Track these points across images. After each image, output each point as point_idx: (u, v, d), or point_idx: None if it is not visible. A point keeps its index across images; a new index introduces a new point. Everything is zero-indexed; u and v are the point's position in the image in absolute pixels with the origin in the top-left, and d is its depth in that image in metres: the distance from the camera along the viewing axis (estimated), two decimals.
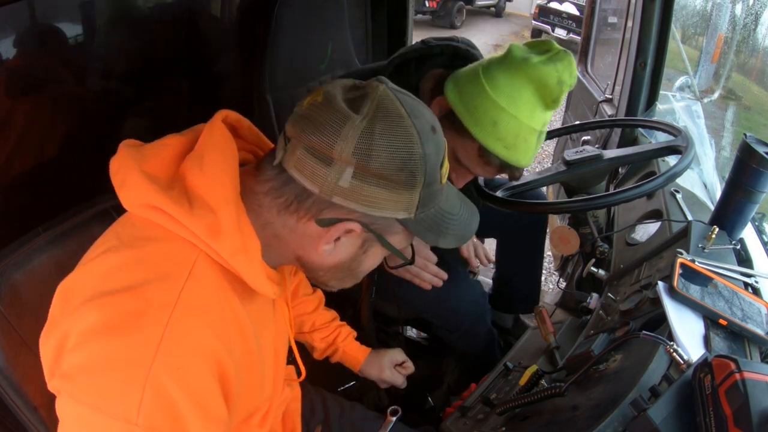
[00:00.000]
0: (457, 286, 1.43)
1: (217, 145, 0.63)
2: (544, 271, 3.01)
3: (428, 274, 1.38)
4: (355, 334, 1.20)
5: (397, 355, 1.22)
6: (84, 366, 0.54)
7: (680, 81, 2.04)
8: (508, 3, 11.76)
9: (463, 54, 1.13)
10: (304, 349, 1.19)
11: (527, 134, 0.97)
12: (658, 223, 1.21)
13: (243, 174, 0.64)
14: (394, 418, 0.98)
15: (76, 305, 0.56)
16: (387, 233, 0.66)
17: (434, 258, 1.38)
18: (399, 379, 1.20)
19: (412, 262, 0.73)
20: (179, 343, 0.54)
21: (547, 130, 1.32)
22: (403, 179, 0.60)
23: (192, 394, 0.55)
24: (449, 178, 1.08)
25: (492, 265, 1.81)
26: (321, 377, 1.22)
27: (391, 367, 1.20)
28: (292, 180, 0.61)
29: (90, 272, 0.59)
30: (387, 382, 1.20)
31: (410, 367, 1.24)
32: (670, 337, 0.78)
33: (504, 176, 1.11)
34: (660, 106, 1.73)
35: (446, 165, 0.67)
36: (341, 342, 1.16)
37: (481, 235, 1.77)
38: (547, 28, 9.13)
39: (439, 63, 1.12)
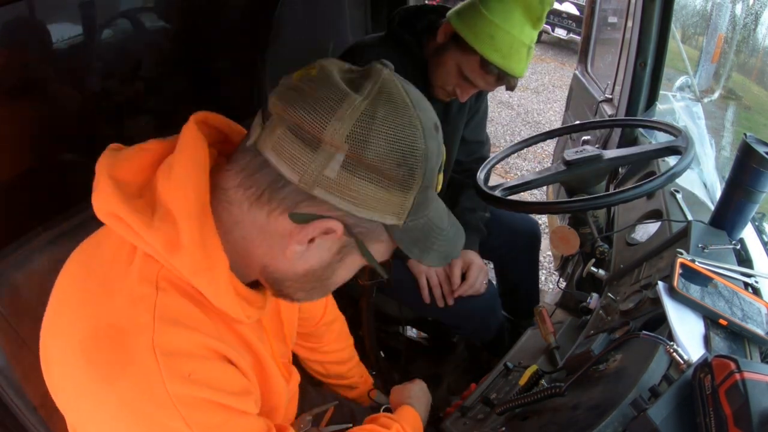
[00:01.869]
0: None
1: (187, 150, 0.56)
2: (544, 271, 3.02)
3: (440, 291, 1.40)
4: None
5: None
6: (119, 426, 0.53)
7: (680, 81, 2.04)
8: None
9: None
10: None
11: (519, 47, 1.18)
12: (658, 223, 1.21)
13: (214, 171, 0.58)
14: None
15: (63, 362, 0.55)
16: (369, 240, 0.57)
17: (458, 279, 1.40)
18: None
19: (385, 279, 0.64)
20: (175, 354, 0.53)
21: (548, 130, 1.35)
22: (401, 177, 0.52)
23: (216, 385, 0.56)
24: (455, 93, 1.30)
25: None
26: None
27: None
28: (267, 165, 0.53)
29: (62, 323, 0.56)
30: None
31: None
32: (670, 337, 0.78)
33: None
34: (660, 106, 1.72)
35: (440, 178, 0.59)
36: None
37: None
38: (548, 28, 9.08)
39: (433, 19, 1.34)
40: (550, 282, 2.93)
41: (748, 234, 1.12)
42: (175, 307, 0.54)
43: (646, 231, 1.24)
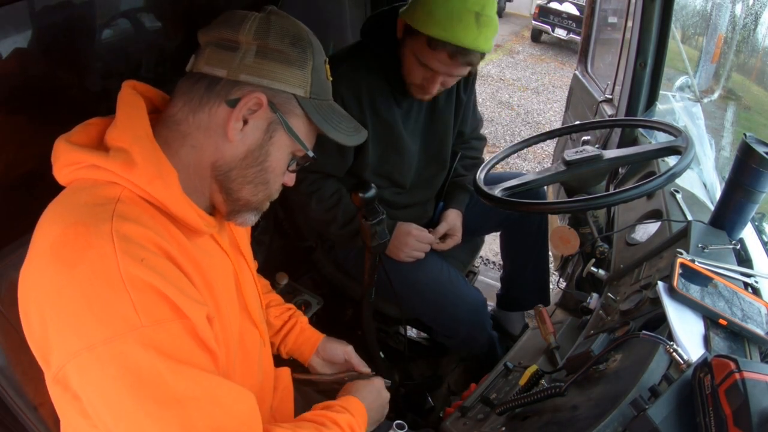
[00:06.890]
0: (455, 293, 1.44)
1: (124, 103, 0.69)
2: None
3: (424, 243, 1.44)
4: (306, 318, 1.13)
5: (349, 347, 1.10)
6: (73, 313, 0.56)
7: (680, 81, 2.04)
8: (508, 3, 11.74)
9: None
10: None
11: (462, 14, 1.12)
12: (658, 223, 1.21)
13: (157, 113, 0.72)
14: None
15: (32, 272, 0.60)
16: (288, 114, 0.72)
17: (434, 238, 1.48)
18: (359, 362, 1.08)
19: (314, 157, 0.78)
20: (130, 241, 0.58)
21: (548, 130, 1.34)
22: (296, 55, 0.71)
23: (165, 275, 0.60)
24: (423, 86, 1.26)
25: (498, 266, 1.80)
26: None
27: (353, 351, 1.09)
28: (203, 76, 0.69)
29: (33, 254, 0.62)
30: (350, 360, 1.08)
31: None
32: (670, 337, 0.78)
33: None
34: (660, 106, 1.72)
35: (328, 69, 0.77)
36: (299, 316, 1.10)
37: (486, 229, 1.77)
38: (547, 28, 9.12)
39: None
40: (550, 282, 2.93)
41: (747, 234, 1.13)
42: (134, 212, 0.62)
43: (646, 231, 1.24)
